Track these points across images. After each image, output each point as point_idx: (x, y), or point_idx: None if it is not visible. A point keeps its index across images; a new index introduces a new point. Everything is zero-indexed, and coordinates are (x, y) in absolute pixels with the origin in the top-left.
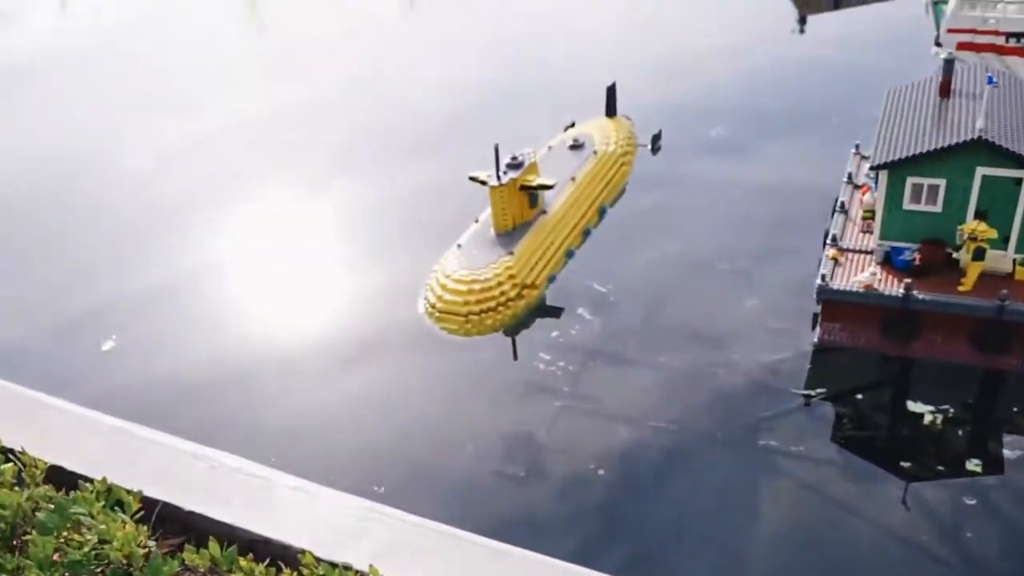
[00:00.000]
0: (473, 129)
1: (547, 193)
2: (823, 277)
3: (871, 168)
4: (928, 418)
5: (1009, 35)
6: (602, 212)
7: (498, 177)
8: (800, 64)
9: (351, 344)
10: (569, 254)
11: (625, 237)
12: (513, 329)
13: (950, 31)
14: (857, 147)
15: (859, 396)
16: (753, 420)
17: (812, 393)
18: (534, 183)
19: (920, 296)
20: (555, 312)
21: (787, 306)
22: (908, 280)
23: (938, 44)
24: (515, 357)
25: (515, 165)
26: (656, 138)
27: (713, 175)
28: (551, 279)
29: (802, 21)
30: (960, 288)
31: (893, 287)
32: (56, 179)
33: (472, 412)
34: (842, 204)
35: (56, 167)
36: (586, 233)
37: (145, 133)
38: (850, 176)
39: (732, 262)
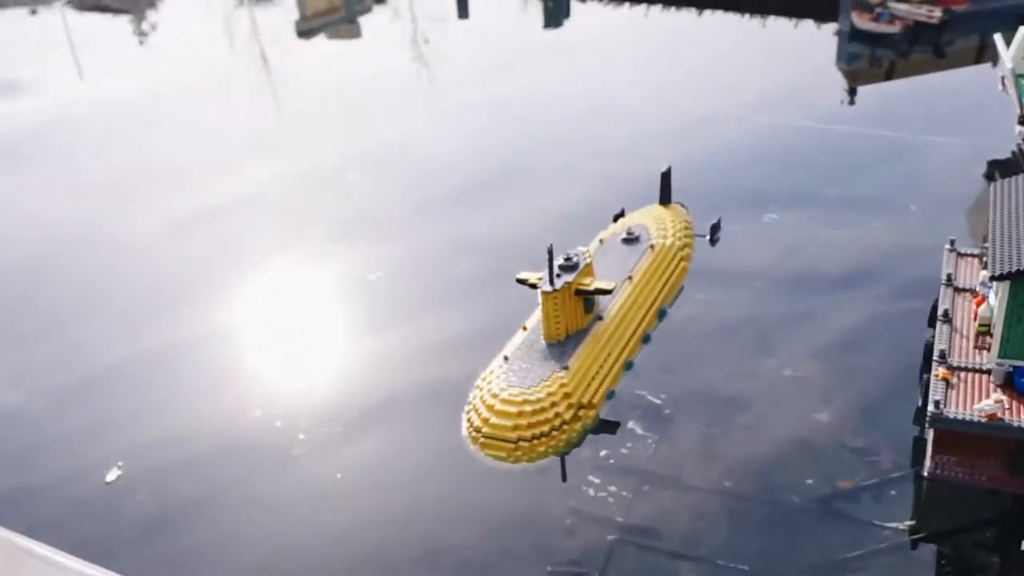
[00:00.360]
0: (514, 209)
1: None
2: (936, 404)
3: (991, 278)
4: None
5: None
6: (662, 314)
7: (551, 281)
8: (851, 140)
9: (383, 469)
10: (628, 365)
11: (679, 338)
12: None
13: None
14: (952, 243)
15: (968, 536)
16: (839, 560)
17: (903, 527)
18: (590, 287)
19: None
20: (603, 427)
21: (867, 423)
22: None
23: (1022, 122)
24: (563, 478)
25: (569, 267)
26: (715, 228)
27: (771, 267)
28: (609, 395)
29: (852, 93)
30: None
31: (1023, 416)
32: (60, 249)
33: (517, 550)
34: (945, 313)
35: (60, 238)
36: (645, 339)
37: (160, 203)
38: (949, 278)
39: (796, 368)
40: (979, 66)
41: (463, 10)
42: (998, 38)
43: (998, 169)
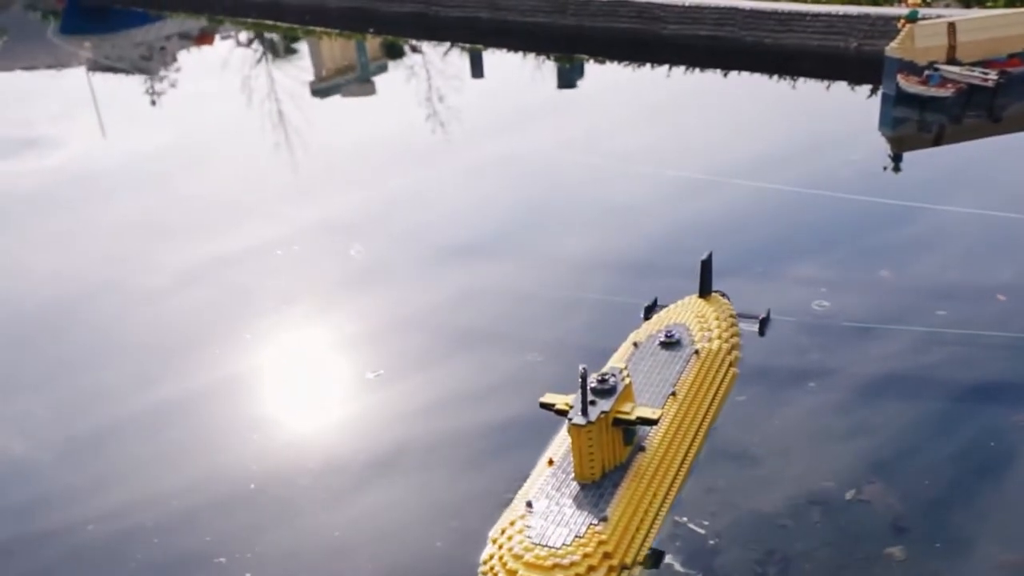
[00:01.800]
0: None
1: None
2: None
3: None
4: None
5: None
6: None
7: (584, 411)
8: (901, 215)
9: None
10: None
11: (722, 451)
12: None
13: None
14: None
15: None
16: None
17: None
18: (632, 415)
19: None
20: (646, 560)
21: (951, 561)
22: None
23: None
24: None
25: (605, 391)
26: (765, 321)
27: (824, 366)
28: (654, 549)
29: (896, 159)
30: None
31: None
32: (74, 299)
33: None
34: None
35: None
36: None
37: (172, 257)
38: None
39: (860, 489)
40: None
41: (477, 70)
42: None
43: None
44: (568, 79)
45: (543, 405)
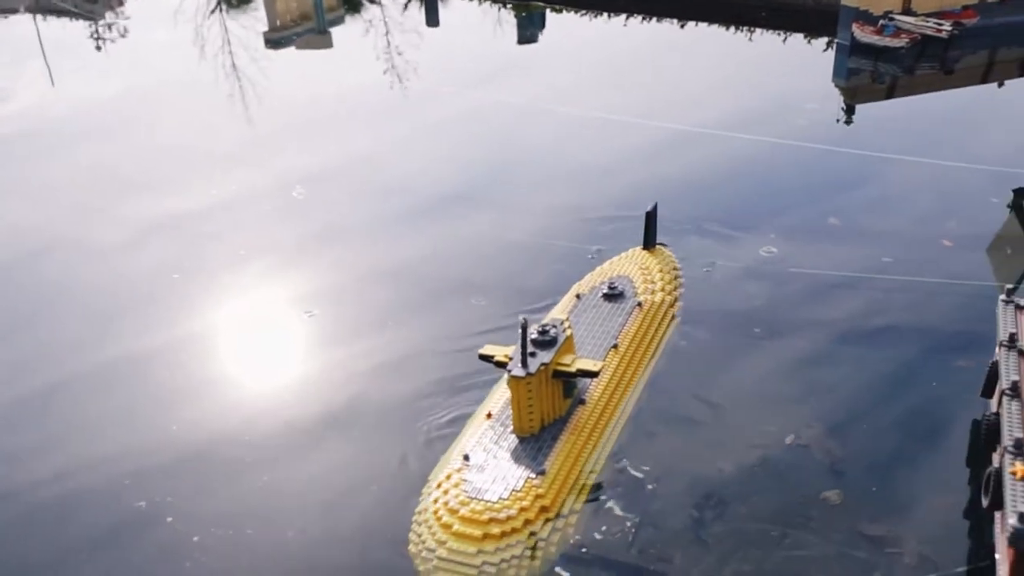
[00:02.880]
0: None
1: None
2: (1021, 517)
3: None
4: None
5: None
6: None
7: (523, 363)
8: (856, 164)
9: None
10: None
11: (663, 395)
12: None
13: None
14: (1009, 293)
15: None
16: None
17: None
18: (572, 367)
19: None
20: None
21: (887, 507)
22: None
23: None
24: None
25: (545, 342)
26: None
27: (771, 313)
28: (593, 494)
29: (849, 111)
30: None
31: None
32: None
33: None
34: (1015, 385)
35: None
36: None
37: (122, 211)
38: (1012, 339)
39: (799, 434)
40: (987, 85)
41: (432, 18)
42: None
43: None
44: (528, 33)
45: (482, 356)
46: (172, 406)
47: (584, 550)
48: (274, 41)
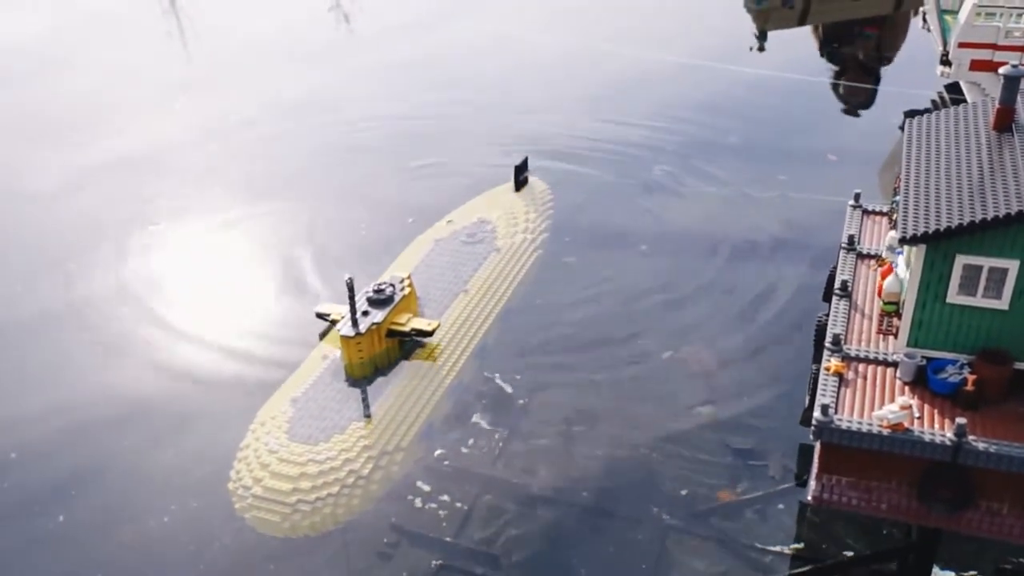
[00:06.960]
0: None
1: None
2: (824, 409)
3: (901, 240)
4: None
5: None
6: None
7: (354, 323)
8: (758, 84)
9: None
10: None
11: (536, 312)
12: None
13: (962, 46)
14: (857, 197)
15: (866, 569)
16: None
17: (788, 551)
18: (407, 327)
19: (981, 447)
20: (439, 419)
21: (756, 421)
22: (962, 420)
23: (945, 63)
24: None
25: (380, 300)
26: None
27: (658, 230)
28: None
29: (762, 37)
30: None
31: (937, 427)
32: None
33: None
34: (844, 285)
35: None
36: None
37: (56, 154)
38: (852, 241)
39: (677, 350)
40: (897, 12)
41: None
42: None
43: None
44: None
45: (319, 315)
46: None
47: (447, 463)
48: None
